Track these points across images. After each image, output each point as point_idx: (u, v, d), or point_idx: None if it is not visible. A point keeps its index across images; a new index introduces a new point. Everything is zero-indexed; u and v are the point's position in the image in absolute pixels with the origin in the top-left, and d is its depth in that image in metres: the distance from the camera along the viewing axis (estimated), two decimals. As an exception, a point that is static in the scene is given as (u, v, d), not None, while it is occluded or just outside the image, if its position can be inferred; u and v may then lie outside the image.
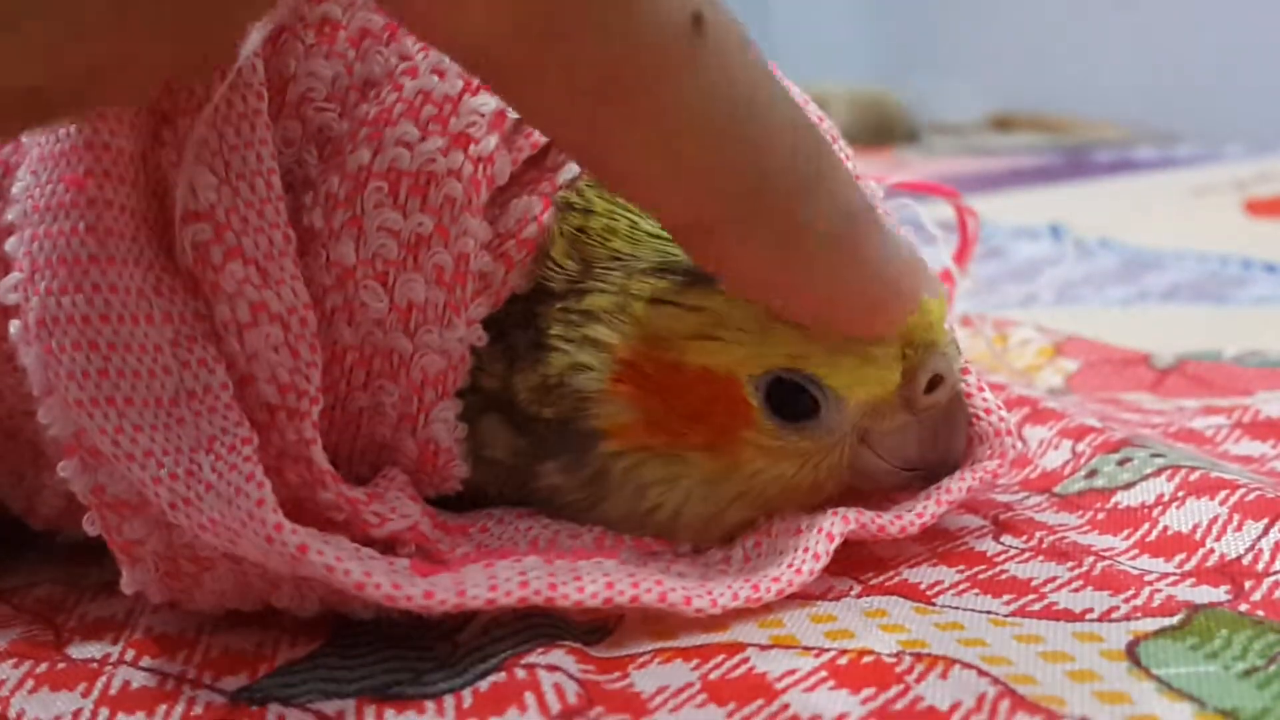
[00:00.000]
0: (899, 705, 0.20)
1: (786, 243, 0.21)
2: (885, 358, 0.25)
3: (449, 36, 0.19)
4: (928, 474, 0.27)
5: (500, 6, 0.18)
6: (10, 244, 0.22)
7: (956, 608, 0.24)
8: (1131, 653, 0.21)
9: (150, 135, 0.23)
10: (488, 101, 0.25)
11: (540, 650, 0.22)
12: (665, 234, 0.25)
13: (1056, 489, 0.30)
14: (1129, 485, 0.29)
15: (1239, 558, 0.25)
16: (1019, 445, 0.27)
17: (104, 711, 0.23)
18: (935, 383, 0.26)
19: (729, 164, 0.20)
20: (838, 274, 0.23)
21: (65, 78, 0.17)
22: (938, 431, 0.27)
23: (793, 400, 0.25)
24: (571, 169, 0.26)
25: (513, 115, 0.25)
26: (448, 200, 0.25)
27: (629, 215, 0.26)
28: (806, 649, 0.22)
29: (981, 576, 0.25)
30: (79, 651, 0.25)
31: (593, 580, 0.23)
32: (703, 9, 0.19)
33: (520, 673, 0.22)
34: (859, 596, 0.25)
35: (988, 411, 0.27)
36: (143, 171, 0.23)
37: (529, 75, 0.19)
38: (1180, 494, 0.28)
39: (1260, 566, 0.24)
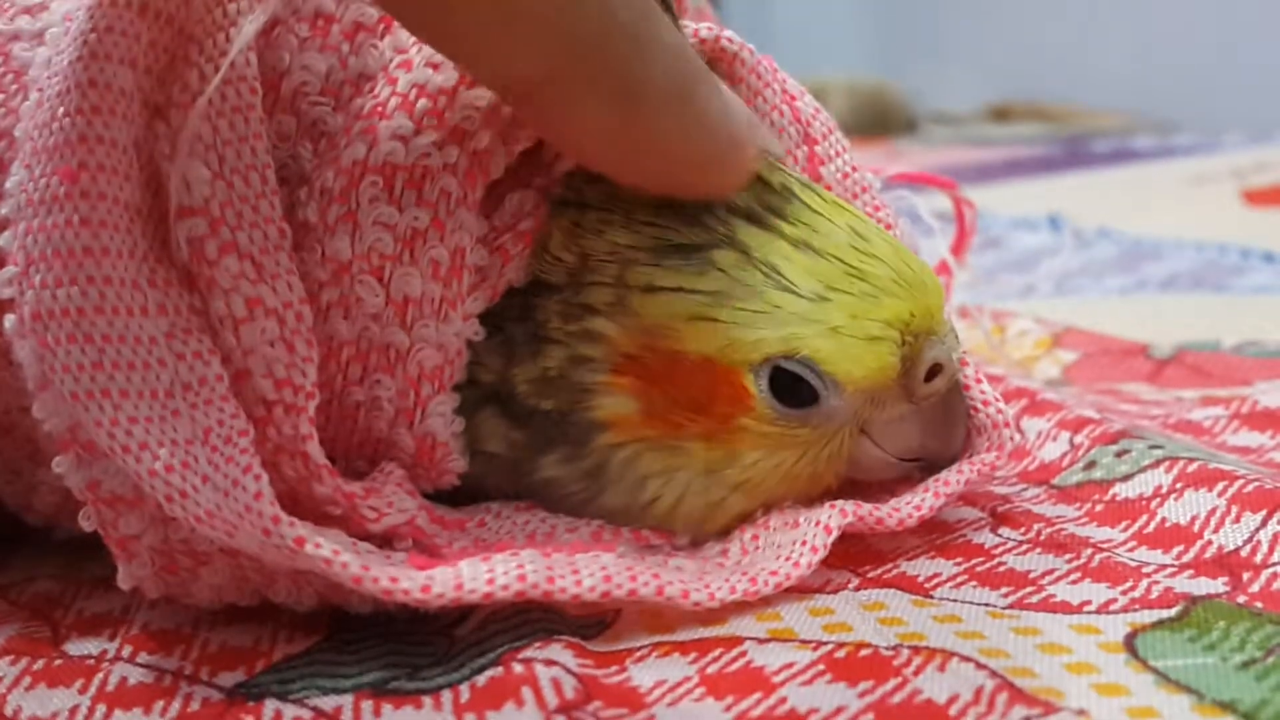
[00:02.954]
0: (896, 698, 0.20)
1: (626, 98, 0.22)
2: (884, 343, 0.25)
3: None
4: (926, 465, 0.27)
5: None
6: (4, 238, 0.22)
7: (954, 600, 0.24)
8: (1130, 645, 0.21)
9: (144, 128, 0.23)
10: (483, 95, 0.25)
11: (538, 645, 0.22)
12: (660, 221, 0.25)
13: (1054, 481, 0.30)
14: (1127, 477, 0.29)
15: (1237, 549, 0.25)
16: (1017, 437, 0.27)
17: (101, 708, 0.22)
18: (934, 371, 0.26)
19: (568, 17, 0.21)
20: (678, 129, 0.23)
21: None
22: (936, 421, 0.27)
23: (793, 388, 0.25)
24: (566, 163, 0.26)
25: (508, 110, 0.25)
26: (443, 194, 0.25)
27: (624, 206, 0.26)
28: (804, 642, 0.22)
29: (979, 569, 0.25)
30: (76, 648, 0.25)
31: (590, 574, 0.23)
32: None
33: (518, 667, 0.22)
34: (857, 589, 0.25)
35: (985, 403, 0.27)
36: (136, 164, 0.23)
37: None
38: (1178, 486, 0.28)
39: (1258, 558, 0.24)
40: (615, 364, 0.25)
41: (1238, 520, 0.26)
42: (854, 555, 0.26)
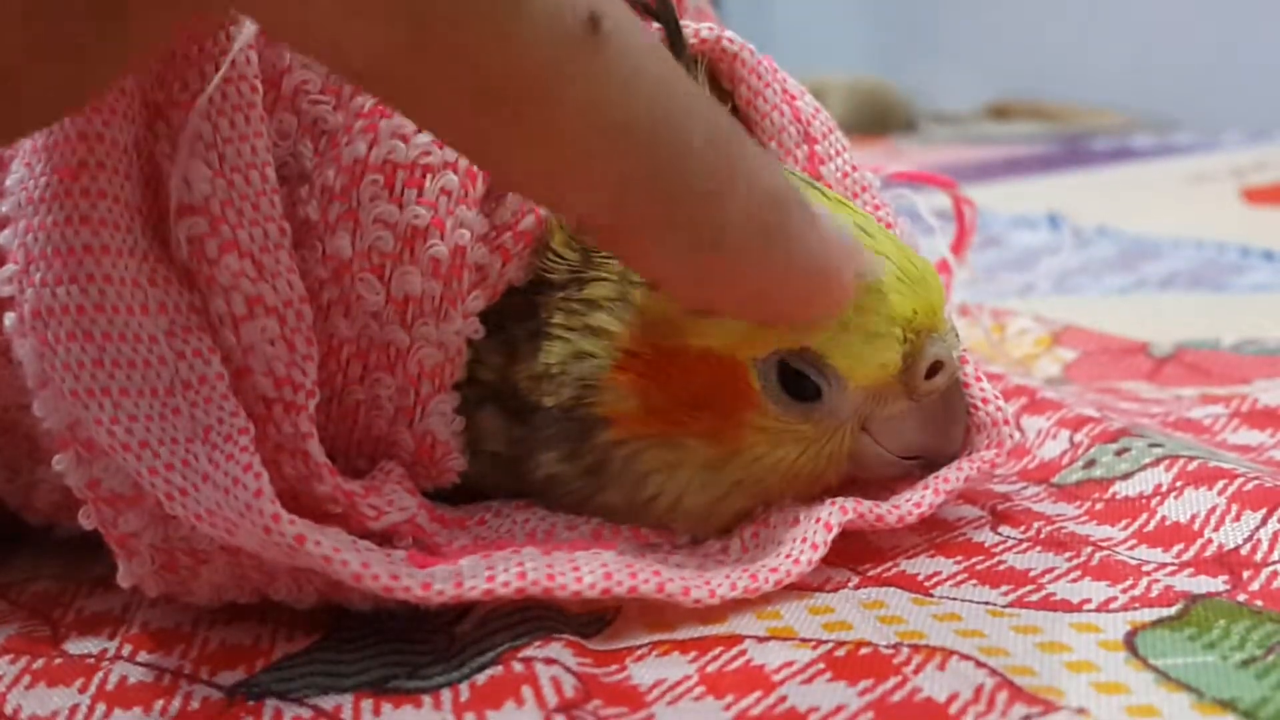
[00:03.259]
0: (896, 697, 0.20)
1: (706, 242, 0.20)
2: (887, 339, 0.25)
3: (338, 56, 0.18)
4: (926, 462, 0.27)
5: (389, 22, 0.17)
6: (4, 236, 0.22)
7: (954, 599, 0.24)
8: (1130, 643, 0.21)
9: (144, 126, 0.23)
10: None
11: (538, 643, 0.22)
12: None
13: (1054, 479, 0.30)
14: (1127, 475, 0.29)
15: (1237, 548, 0.25)
16: (1016, 435, 0.27)
17: (101, 707, 0.22)
18: (935, 369, 0.26)
19: (636, 168, 0.19)
20: (764, 266, 0.21)
21: None
22: (937, 419, 0.27)
23: (796, 384, 0.25)
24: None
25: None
26: (444, 192, 0.25)
27: None
28: (804, 641, 0.22)
29: (979, 567, 0.25)
30: (76, 647, 0.25)
31: (590, 571, 0.23)
32: (599, 10, 0.18)
33: (517, 666, 0.22)
34: (857, 588, 0.25)
35: (985, 401, 0.27)
36: (136, 163, 0.23)
37: (419, 89, 0.18)
38: (1178, 484, 0.28)
39: (1258, 557, 0.24)
40: (617, 360, 0.25)
41: (1238, 519, 0.26)
42: (854, 553, 0.26)
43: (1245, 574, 0.24)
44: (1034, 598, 0.24)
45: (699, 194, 0.20)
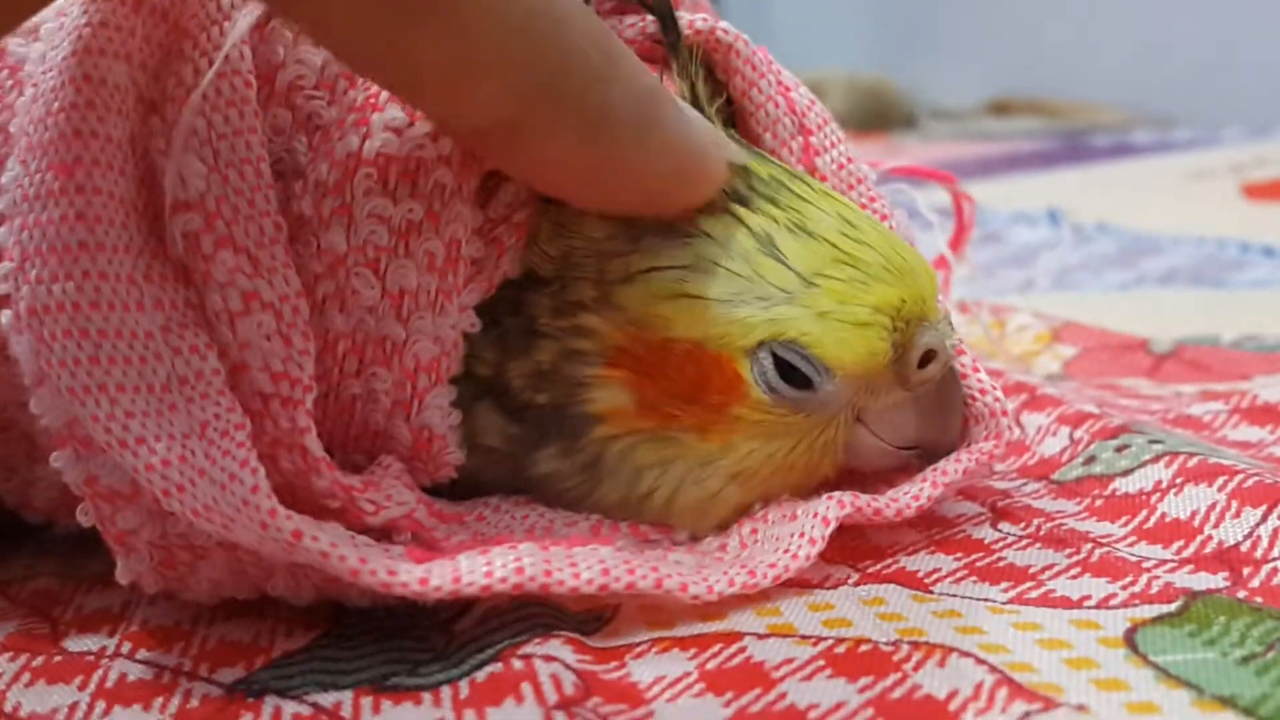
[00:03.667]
0: (896, 694, 0.20)
1: (592, 129, 0.22)
2: (873, 328, 0.25)
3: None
4: (924, 454, 0.27)
5: None
6: (0, 233, 0.22)
7: (954, 595, 0.24)
8: (1130, 640, 0.21)
9: (139, 123, 0.23)
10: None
11: (537, 640, 0.22)
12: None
13: (1054, 476, 0.30)
14: (1127, 472, 0.29)
15: (1237, 544, 0.25)
16: (1015, 426, 0.27)
17: (101, 704, 0.22)
18: (928, 357, 0.26)
19: (529, 59, 0.21)
20: (643, 153, 0.23)
21: None
22: (933, 409, 0.27)
23: (786, 375, 0.25)
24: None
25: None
26: (437, 186, 0.24)
27: None
28: (804, 638, 0.22)
29: (979, 564, 0.25)
30: (75, 644, 0.25)
31: (589, 567, 0.23)
32: None
33: (517, 663, 0.22)
34: (856, 585, 0.25)
35: (983, 392, 0.27)
36: (131, 159, 0.23)
37: None
38: (1178, 480, 0.28)
39: (1259, 553, 0.24)
40: (608, 357, 0.25)
41: (1238, 515, 0.26)
42: (853, 550, 0.26)
43: (1245, 570, 0.24)
44: (1034, 594, 0.24)
45: (583, 82, 0.22)
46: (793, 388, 0.25)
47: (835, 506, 0.25)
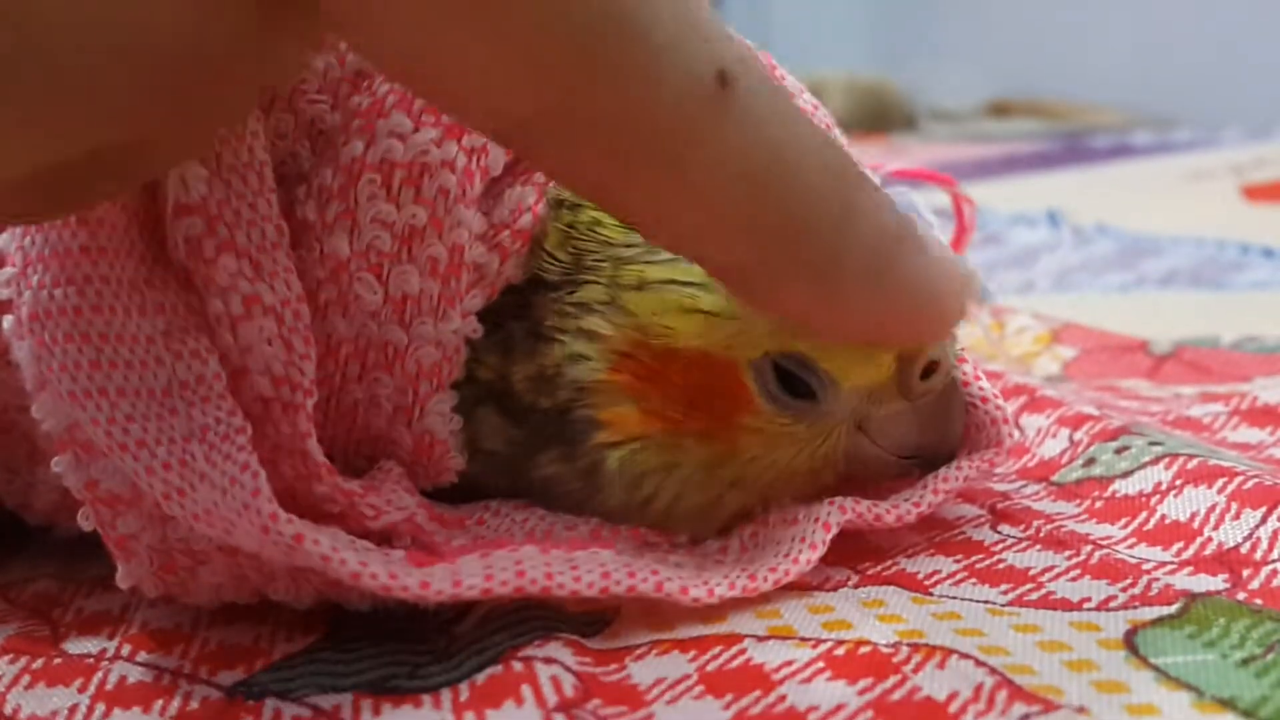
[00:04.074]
0: (896, 696, 0.20)
1: (825, 277, 0.21)
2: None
3: (482, 118, 0.19)
4: (925, 462, 0.27)
5: (534, 89, 0.18)
6: (2, 239, 0.22)
7: (954, 597, 0.24)
8: (1129, 642, 0.21)
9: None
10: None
11: (537, 643, 0.22)
12: None
13: (1054, 477, 0.30)
14: (1127, 473, 0.29)
15: (1237, 546, 0.25)
16: (1015, 433, 0.27)
17: (100, 707, 0.22)
18: (931, 368, 0.26)
19: (762, 213, 0.20)
20: (874, 298, 0.22)
21: (82, 153, 0.17)
22: (934, 418, 0.27)
23: (790, 385, 0.25)
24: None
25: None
26: (441, 192, 0.24)
27: None
28: (804, 640, 0.22)
29: (979, 566, 0.25)
30: (75, 647, 0.25)
31: (589, 570, 0.23)
32: (727, 64, 0.19)
33: (517, 665, 0.22)
34: (856, 587, 0.25)
35: (984, 400, 0.27)
36: (134, 164, 0.23)
37: (557, 146, 0.19)
38: (1178, 482, 0.28)
39: (1258, 555, 0.24)
40: (612, 362, 0.25)
41: (1238, 517, 0.26)
42: (853, 552, 0.26)
43: (1245, 572, 0.24)
44: (1033, 596, 0.24)
45: (818, 232, 0.21)
46: (796, 398, 0.25)
47: (836, 512, 0.25)
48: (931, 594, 0.24)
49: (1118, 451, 0.30)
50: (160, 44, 0.16)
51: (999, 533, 0.27)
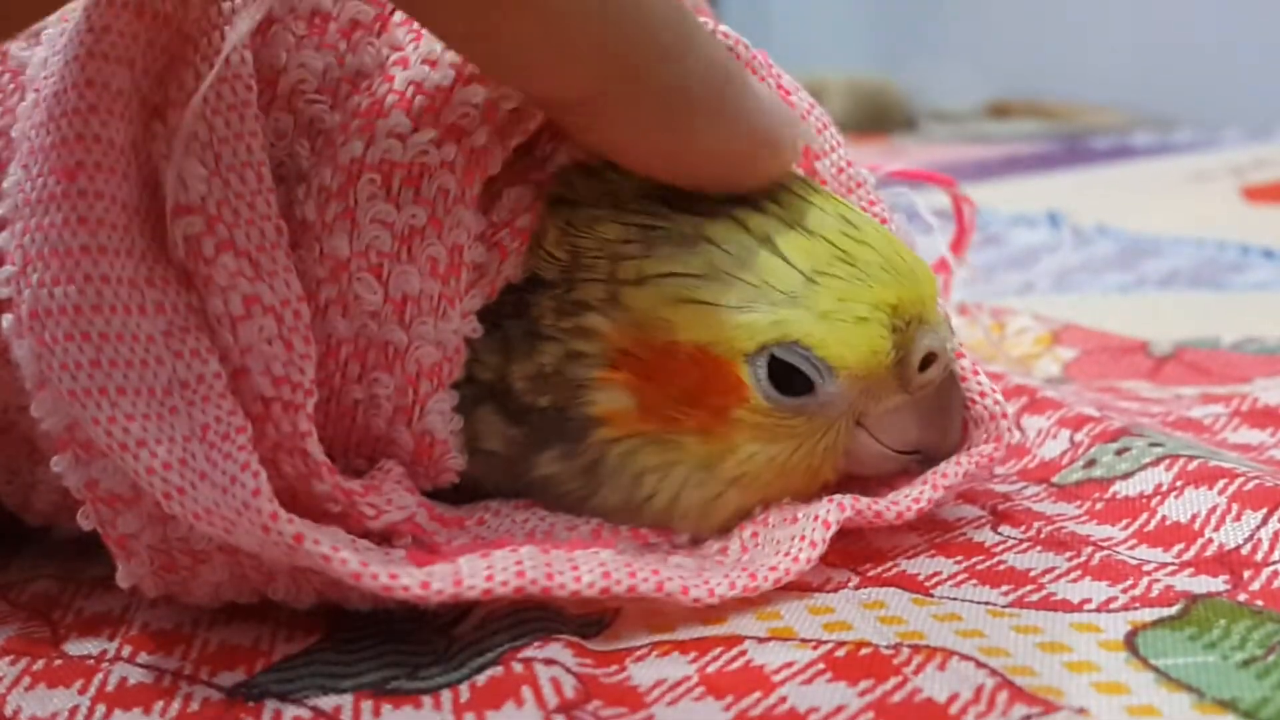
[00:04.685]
0: (896, 697, 0.20)
1: (667, 105, 0.23)
2: (873, 324, 0.25)
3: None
4: (924, 457, 0.27)
5: None
6: (2, 237, 0.22)
7: (954, 599, 0.24)
8: (1130, 643, 0.21)
9: (142, 127, 0.23)
10: (479, 92, 0.25)
11: (537, 644, 0.22)
12: (649, 211, 0.25)
13: (1055, 479, 0.30)
14: (1127, 475, 0.29)
15: (1238, 548, 0.25)
16: (1015, 429, 0.27)
17: (101, 708, 0.22)
18: (929, 360, 0.26)
19: (610, 39, 0.22)
20: (718, 129, 0.24)
21: None
22: (933, 413, 0.27)
23: (787, 379, 0.25)
24: (561, 158, 0.26)
25: (505, 106, 0.25)
26: (441, 192, 0.24)
27: (614, 201, 0.26)
28: (804, 641, 0.22)
29: (979, 567, 0.25)
30: (76, 648, 0.25)
31: (589, 570, 0.23)
32: None
33: (517, 667, 0.22)
34: (857, 588, 0.25)
35: (983, 395, 0.27)
36: (134, 164, 0.23)
37: None
38: (1179, 483, 0.28)
39: (1259, 556, 0.24)
40: (610, 359, 0.25)
41: (1238, 518, 0.26)
42: (854, 554, 0.26)
43: (1246, 574, 0.24)
44: (1034, 598, 0.24)
45: (660, 58, 0.22)
46: (794, 391, 0.25)
47: (836, 509, 0.25)
48: (932, 595, 0.24)
49: (1118, 453, 0.30)
50: None
51: (1000, 534, 0.27)
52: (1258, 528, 0.25)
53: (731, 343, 0.25)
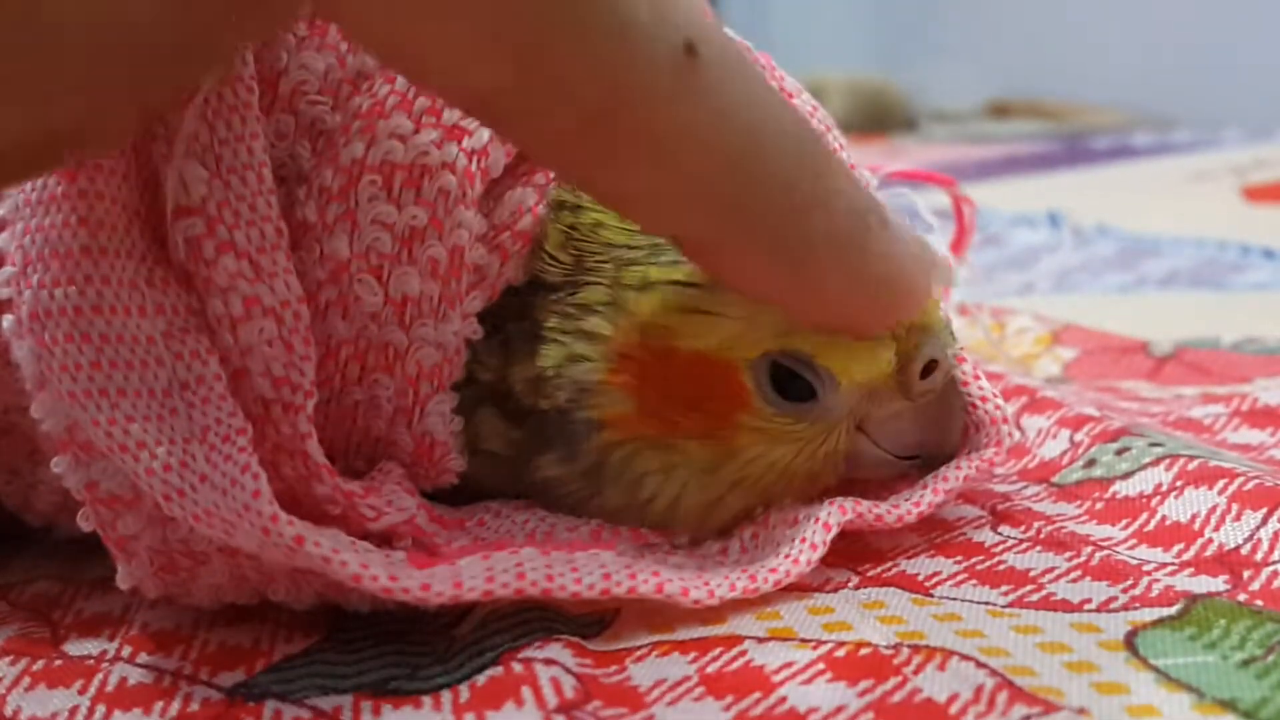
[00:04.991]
0: (896, 697, 0.20)
1: (791, 255, 0.21)
2: (878, 339, 0.25)
3: (455, 90, 0.20)
4: (925, 462, 0.27)
5: (501, 61, 0.18)
6: (2, 239, 0.22)
7: (954, 599, 0.24)
8: (1130, 643, 0.21)
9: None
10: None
11: (537, 644, 0.22)
12: None
13: (1054, 479, 0.30)
14: (1127, 475, 0.29)
15: (1238, 548, 0.25)
16: (1015, 433, 0.27)
17: (101, 708, 0.22)
18: (930, 368, 0.26)
19: (728, 184, 0.20)
20: (845, 279, 0.22)
21: (44, 133, 0.17)
22: (934, 418, 0.27)
23: (789, 384, 0.25)
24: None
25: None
26: (442, 193, 0.25)
27: None
28: (804, 641, 0.22)
29: (979, 567, 0.25)
30: (76, 648, 0.25)
31: (589, 572, 0.23)
32: (694, 36, 0.19)
33: (517, 667, 0.22)
34: (856, 588, 0.25)
35: (983, 399, 0.27)
36: (134, 164, 0.23)
37: (529, 117, 0.19)
38: (1179, 483, 0.28)
39: (1259, 556, 0.24)
40: (612, 363, 0.25)
41: (1238, 518, 0.26)
42: (854, 554, 0.26)
43: (1246, 574, 0.24)
44: (1034, 598, 0.24)
45: (786, 208, 0.21)
46: (796, 397, 0.25)
47: (836, 512, 0.25)
48: (932, 595, 0.24)
49: (1118, 453, 0.30)
50: (139, 26, 0.16)
51: (999, 534, 0.27)
52: (1258, 528, 0.25)
53: (734, 351, 0.25)
